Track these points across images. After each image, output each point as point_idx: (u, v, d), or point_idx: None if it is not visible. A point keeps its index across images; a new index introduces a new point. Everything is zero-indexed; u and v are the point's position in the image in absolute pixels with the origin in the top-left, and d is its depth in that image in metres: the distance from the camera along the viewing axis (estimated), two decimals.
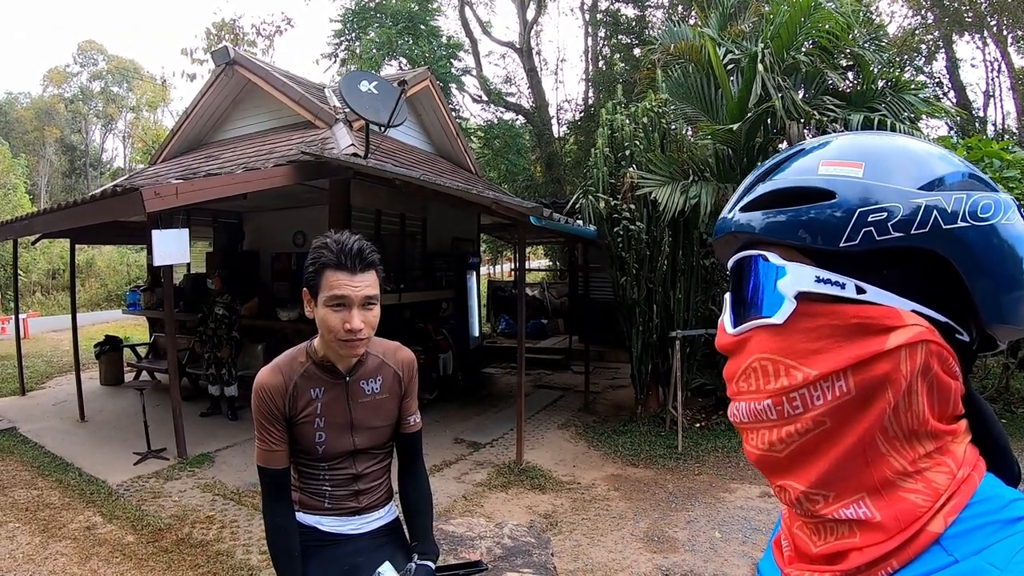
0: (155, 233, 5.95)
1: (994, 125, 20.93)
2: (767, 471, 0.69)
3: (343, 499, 2.03)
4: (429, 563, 1.97)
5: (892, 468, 0.62)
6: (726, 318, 0.73)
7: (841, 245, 0.61)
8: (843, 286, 0.62)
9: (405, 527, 2.16)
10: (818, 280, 0.63)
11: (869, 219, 0.61)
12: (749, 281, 0.69)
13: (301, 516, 2.01)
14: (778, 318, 0.65)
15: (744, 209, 0.69)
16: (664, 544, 4.97)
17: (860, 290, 0.62)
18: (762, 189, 0.68)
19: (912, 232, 0.60)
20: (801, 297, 0.64)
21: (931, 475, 0.61)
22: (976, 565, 0.56)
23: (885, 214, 0.60)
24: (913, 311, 0.61)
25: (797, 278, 0.64)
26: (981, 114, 21.04)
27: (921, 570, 0.59)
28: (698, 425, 8.08)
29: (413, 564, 1.95)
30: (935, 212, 0.60)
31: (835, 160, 0.66)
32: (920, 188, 0.61)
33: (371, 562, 2.00)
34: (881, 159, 0.64)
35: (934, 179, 0.62)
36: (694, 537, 5.09)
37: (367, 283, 1.82)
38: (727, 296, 0.73)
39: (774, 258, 0.66)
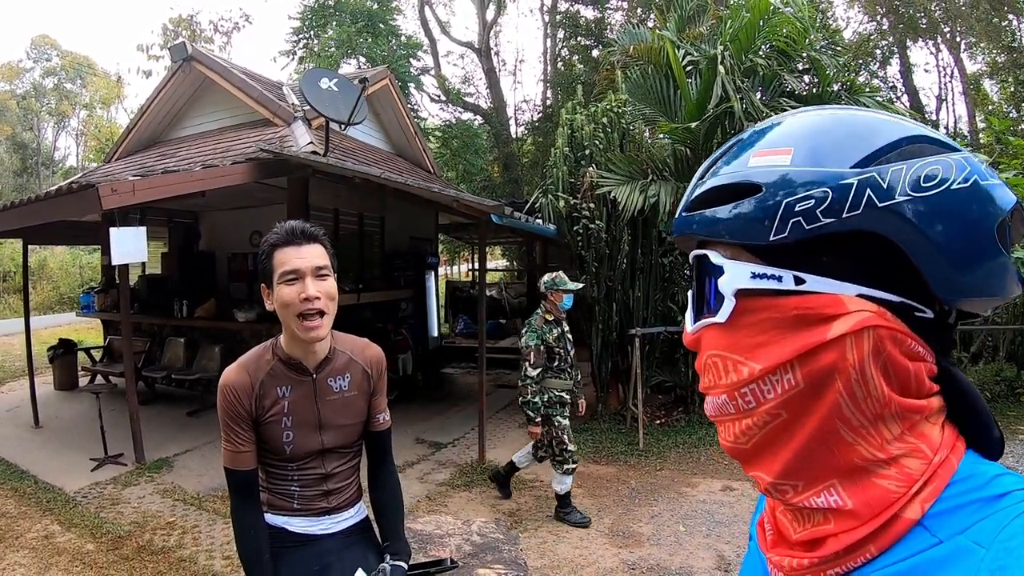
0: (113, 231, 5.80)
1: (946, 128, 21.46)
2: (740, 461, 0.68)
3: (312, 499, 2.01)
4: (402, 563, 1.96)
5: (860, 455, 0.60)
6: (688, 316, 0.72)
7: (772, 239, 0.60)
8: (780, 279, 0.61)
9: (375, 526, 2.16)
10: (754, 276, 0.62)
11: (796, 208, 0.59)
12: (700, 280, 0.69)
13: (270, 517, 1.99)
14: (720, 317, 0.65)
15: (688, 209, 0.68)
16: (629, 539, 5.03)
17: (799, 280, 0.60)
18: (702, 188, 0.67)
19: (844, 216, 0.57)
20: (741, 294, 0.63)
21: (905, 461, 0.60)
22: (961, 545, 0.54)
23: (812, 201, 0.58)
24: (860, 295, 0.59)
25: (734, 276, 0.63)
26: (934, 117, 21.63)
27: (904, 553, 0.58)
28: (658, 422, 8.18)
29: (387, 565, 1.93)
30: (868, 190, 0.57)
31: (765, 149, 0.64)
32: (854, 165, 0.59)
33: (341, 562, 1.99)
34: (812, 141, 0.63)
35: (872, 152, 0.60)
36: (658, 531, 5.16)
37: (315, 254, 1.85)
38: (689, 293, 0.73)
39: (715, 257, 0.65)
